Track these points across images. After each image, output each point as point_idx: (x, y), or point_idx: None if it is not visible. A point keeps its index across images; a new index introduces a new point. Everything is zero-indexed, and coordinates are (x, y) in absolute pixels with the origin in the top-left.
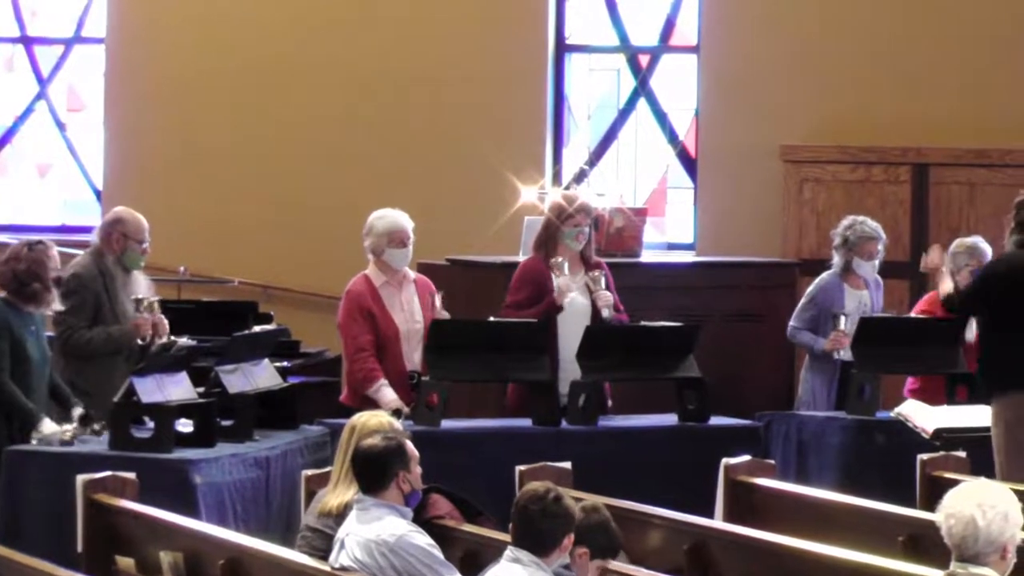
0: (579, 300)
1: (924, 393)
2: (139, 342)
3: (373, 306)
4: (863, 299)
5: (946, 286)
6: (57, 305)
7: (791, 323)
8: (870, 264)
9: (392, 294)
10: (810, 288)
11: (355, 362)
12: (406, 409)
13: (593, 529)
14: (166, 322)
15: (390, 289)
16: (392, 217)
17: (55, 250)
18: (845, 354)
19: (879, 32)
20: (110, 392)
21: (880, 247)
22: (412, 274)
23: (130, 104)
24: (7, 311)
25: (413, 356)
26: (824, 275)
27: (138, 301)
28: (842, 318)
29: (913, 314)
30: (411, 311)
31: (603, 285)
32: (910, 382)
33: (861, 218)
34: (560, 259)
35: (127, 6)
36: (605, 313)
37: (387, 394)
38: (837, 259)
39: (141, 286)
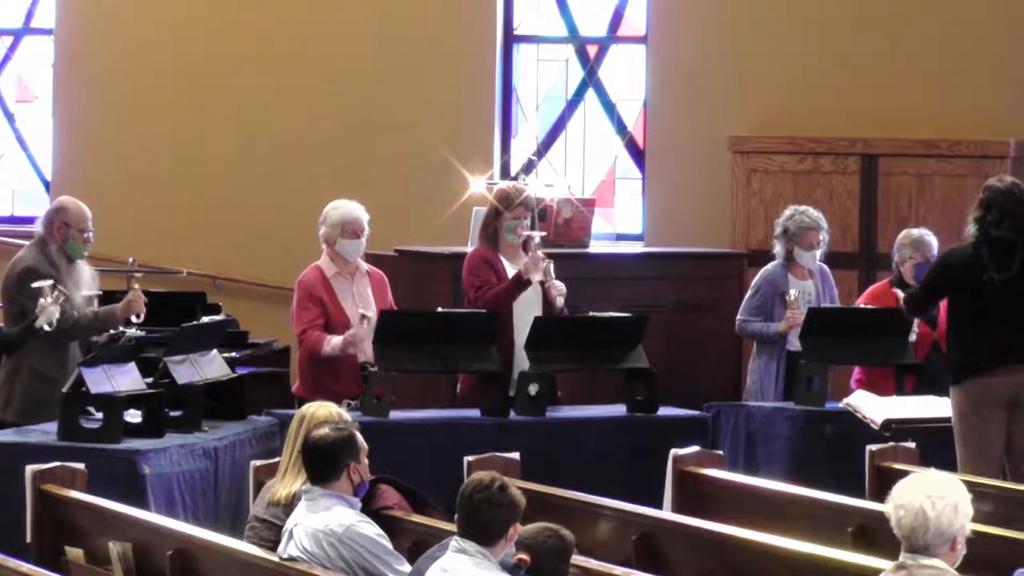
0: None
1: (870, 384)
2: (133, 319)
3: (324, 296)
4: (807, 289)
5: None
6: None
7: (738, 317)
8: (811, 254)
9: (344, 285)
10: (755, 280)
11: (303, 340)
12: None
13: (545, 551)
14: (143, 298)
15: (342, 280)
16: (347, 208)
17: None
18: (793, 344)
19: (827, 23)
20: None
21: (821, 236)
22: (365, 266)
23: (79, 95)
24: None
25: (365, 347)
26: (768, 266)
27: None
28: (792, 292)
29: (859, 304)
30: (363, 303)
31: (553, 275)
32: (856, 372)
33: (802, 208)
34: (537, 235)
35: None
36: (559, 302)
37: (336, 339)
38: (779, 249)
39: (85, 276)
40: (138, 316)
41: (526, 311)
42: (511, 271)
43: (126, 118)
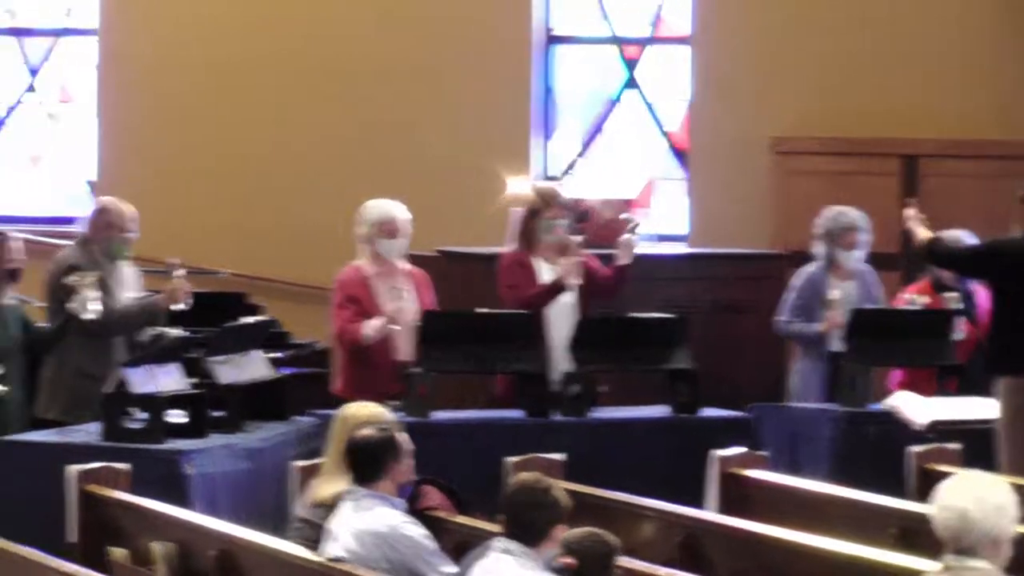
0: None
1: (911, 385)
2: (182, 307)
3: (362, 295)
4: (848, 290)
5: (921, 233)
6: (8, 298)
7: (780, 318)
8: (852, 255)
9: (383, 285)
10: (795, 281)
11: (341, 336)
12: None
13: (590, 556)
14: (188, 286)
15: (382, 280)
16: (384, 207)
17: (14, 242)
18: (836, 344)
19: (868, 24)
20: None
21: (862, 237)
22: (408, 266)
23: (123, 95)
24: None
25: (405, 347)
26: (809, 266)
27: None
28: (833, 293)
29: (900, 303)
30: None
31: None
32: (896, 374)
33: (842, 209)
34: (576, 239)
35: None
36: (625, 260)
37: (372, 323)
38: (820, 250)
39: (128, 277)
40: (186, 304)
41: (563, 313)
42: (545, 273)
43: (169, 118)
